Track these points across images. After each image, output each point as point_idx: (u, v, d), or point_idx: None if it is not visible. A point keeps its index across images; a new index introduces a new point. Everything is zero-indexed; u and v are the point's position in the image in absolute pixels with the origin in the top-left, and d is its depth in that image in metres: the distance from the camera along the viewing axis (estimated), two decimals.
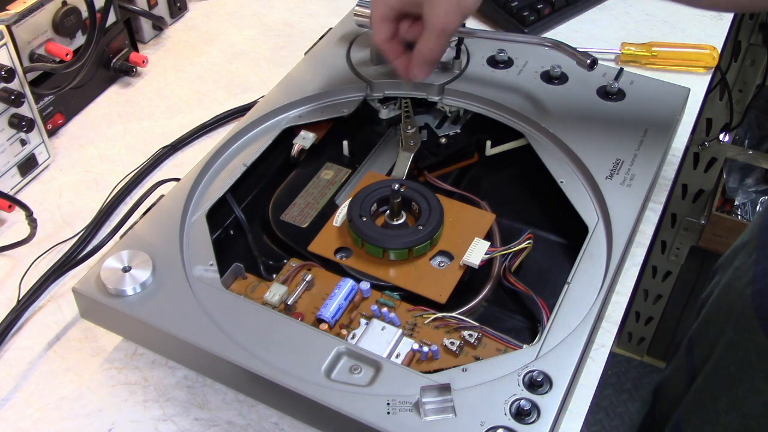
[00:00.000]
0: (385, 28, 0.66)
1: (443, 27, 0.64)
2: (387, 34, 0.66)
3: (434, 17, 0.63)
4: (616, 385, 1.71)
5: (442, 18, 0.63)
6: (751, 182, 1.46)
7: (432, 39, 0.65)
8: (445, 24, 0.64)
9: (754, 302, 0.67)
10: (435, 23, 0.64)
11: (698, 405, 0.78)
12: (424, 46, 0.66)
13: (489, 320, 0.62)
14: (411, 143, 0.74)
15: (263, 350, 0.55)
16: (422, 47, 0.66)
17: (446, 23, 0.64)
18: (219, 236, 0.69)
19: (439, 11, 0.63)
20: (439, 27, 0.64)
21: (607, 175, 0.67)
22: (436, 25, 0.64)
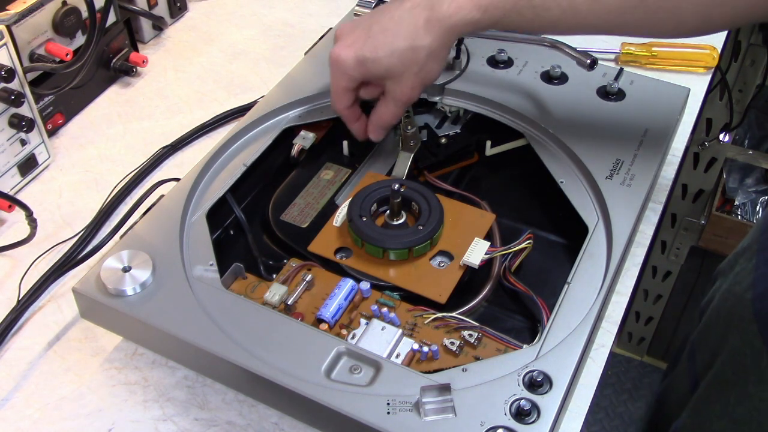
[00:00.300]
0: (346, 98, 0.68)
1: (407, 100, 0.67)
2: (347, 103, 0.69)
3: (399, 92, 0.66)
4: (616, 385, 1.71)
5: (407, 92, 0.66)
6: (751, 182, 1.46)
7: (393, 107, 0.68)
8: (410, 97, 0.67)
9: (754, 306, 0.67)
10: (399, 97, 0.66)
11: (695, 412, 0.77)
12: (384, 114, 0.68)
13: (489, 320, 0.62)
14: (411, 143, 0.74)
15: (263, 350, 0.55)
16: (383, 114, 0.69)
17: (410, 97, 0.67)
18: (219, 236, 0.69)
19: (404, 87, 0.66)
20: (403, 100, 0.67)
21: (607, 175, 0.67)
22: (400, 99, 0.67)
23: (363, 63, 0.65)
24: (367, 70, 0.65)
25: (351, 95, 0.69)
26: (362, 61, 0.65)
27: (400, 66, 0.64)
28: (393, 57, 0.64)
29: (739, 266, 0.71)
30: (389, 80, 0.66)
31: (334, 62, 0.66)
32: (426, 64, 0.65)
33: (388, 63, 0.64)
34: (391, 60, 0.64)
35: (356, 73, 0.66)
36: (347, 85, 0.67)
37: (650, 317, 1.68)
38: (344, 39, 0.66)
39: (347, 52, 0.65)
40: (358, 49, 0.65)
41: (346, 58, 0.65)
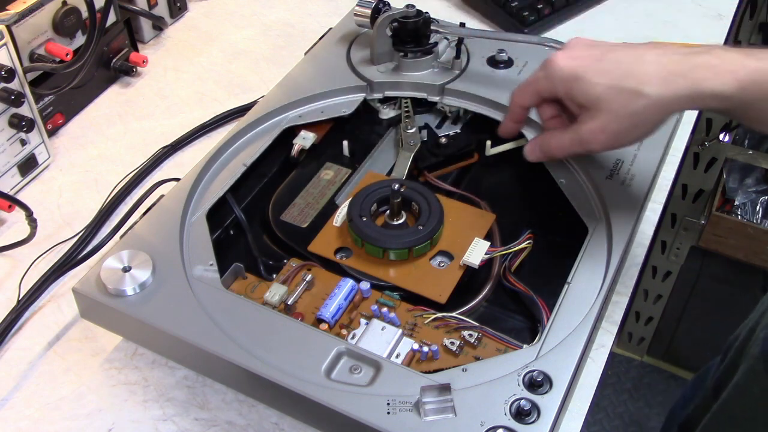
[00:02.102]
0: (531, 99, 0.63)
1: (588, 143, 0.60)
2: (527, 104, 0.64)
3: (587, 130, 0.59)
4: (616, 385, 1.71)
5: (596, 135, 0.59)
6: (751, 182, 1.46)
7: (568, 143, 0.61)
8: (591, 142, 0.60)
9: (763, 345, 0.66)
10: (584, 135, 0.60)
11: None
12: (556, 143, 0.63)
13: (489, 320, 0.62)
14: (411, 143, 0.74)
15: (263, 350, 0.55)
16: (554, 142, 0.63)
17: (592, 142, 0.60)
18: (219, 236, 0.69)
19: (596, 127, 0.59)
20: (585, 140, 0.60)
21: (607, 175, 0.67)
22: (583, 137, 0.60)
23: (575, 80, 0.59)
24: (572, 90, 0.59)
25: (536, 99, 0.63)
26: (576, 78, 0.58)
27: (611, 104, 0.57)
28: (610, 90, 0.57)
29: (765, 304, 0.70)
30: (587, 111, 0.59)
31: (548, 63, 0.61)
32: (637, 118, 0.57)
33: (602, 93, 0.57)
34: (605, 91, 0.57)
35: (561, 86, 0.60)
36: (542, 90, 0.62)
37: (650, 317, 1.68)
38: (573, 50, 0.60)
39: (568, 62, 0.59)
40: (581, 66, 0.58)
41: (563, 67, 0.59)
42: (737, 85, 0.53)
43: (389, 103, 0.79)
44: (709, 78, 0.54)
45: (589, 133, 0.59)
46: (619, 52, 0.58)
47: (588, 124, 0.59)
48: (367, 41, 0.81)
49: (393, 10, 0.77)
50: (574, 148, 0.61)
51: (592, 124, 0.59)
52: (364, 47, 0.81)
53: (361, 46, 0.81)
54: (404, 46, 0.78)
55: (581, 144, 0.60)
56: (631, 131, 0.59)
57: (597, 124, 0.58)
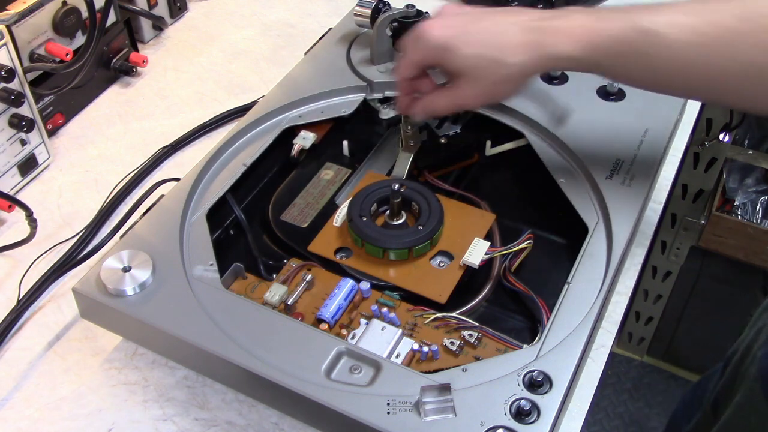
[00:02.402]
0: (411, 71, 0.65)
1: (463, 103, 0.65)
2: (409, 75, 0.66)
3: (462, 94, 0.63)
4: (616, 385, 1.71)
5: (470, 99, 0.64)
6: (751, 182, 1.46)
7: (447, 103, 0.65)
8: (469, 103, 0.65)
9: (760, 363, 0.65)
10: (460, 98, 0.63)
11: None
12: (438, 103, 0.65)
13: (489, 320, 0.62)
14: (411, 143, 0.74)
15: (263, 350, 0.55)
16: (435, 102, 0.65)
17: (470, 104, 0.65)
18: (219, 236, 0.69)
19: (469, 92, 0.63)
20: (461, 103, 0.64)
21: (607, 175, 0.67)
22: (460, 100, 0.64)
23: (446, 49, 0.61)
24: (444, 58, 0.62)
25: (417, 70, 0.65)
26: (446, 47, 0.61)
27: (479, 72, 0.61)
28: (476, 60, 0.61)
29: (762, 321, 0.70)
30: (458, 78, 0.63)
31: (420, 33, 0.63)
32: (503, 83, 0.62)
33: (470, 63, 0.61)
34: (474, 62, 0.61)
35: (434, 54, 0.63)
36: (419, 60, 0.64)
37: (650, 317, 1.68)
38: (443, 19, 0.63)
39: (438, 31, 0.62)
40: (450, 35, 0.61)
41: (433, 37, 0.62)
42: (584, 48, 0.58)
43: (389, 103, 0.79)
44: (560, 43, 0.58)
45: (464, 97, 0.64)
46: (484, 21, 0.62)
47: (462, 89, 0.63)
48: (367, 41, 0.81)
49: (393, 10, 0.77)
50: (455, 109, 0.67)
51: (466, 89, 0.63)
52: (364, 47, 0.81)
53: (361, 46, 0.81)
54: None
55: (460, 106, 0.66)
56: (500, 92, 0.64)
57: (470, 90, 0.63)
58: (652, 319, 1.68)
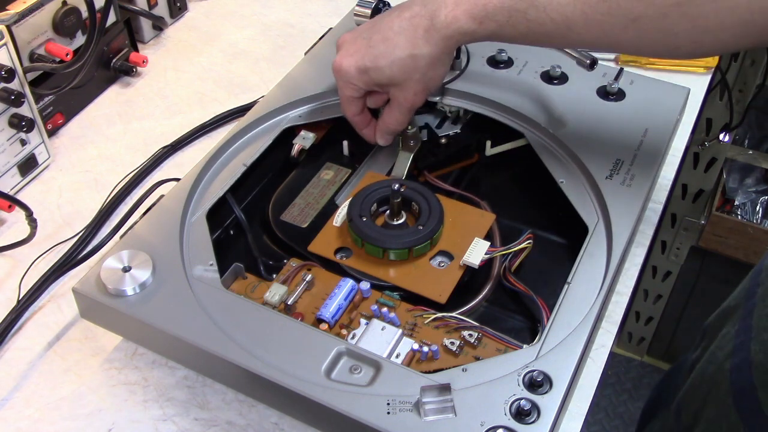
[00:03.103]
0: (354, 105, 0.70)
1: (411, 106, 0.68)
2: (356, 110, 0.71)
3: (402, 99, 0.67)
4: (616, 385, 1.71)
5: (410, 98, 0.67)
6: (751, 182, 1.46)
7: (398, 114, 0.69)
8: (414, 103, 0.68)
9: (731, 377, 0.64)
10: (403, 103, 0.68)
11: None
12: (390, 120, 0.70)
13: (489, 320, 0.62)
14: (411, 143, 0.74)
15: (263, 350, 0.55)
16: (388, 120, 0.70)
17: (414, 102, 0.68)
18: (219, 236, 0.69)
19: (408, 93, 0.67)
20: (407, 106, 0.68)
21: (607, 175, 0.67)
22: (404, 104, 0.68)
23: (365, 72, 0.66)
24: (370, 79, 0.67)
25: (359, 103, 0.70)
26: (364, 70, 0.66)
27: (402, 74, 0.65)
28: (394, 66, 0.65)
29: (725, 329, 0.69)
30: (393, 87, 0.67)
31: (336, 71, 0.68)
32: (428, 71, 0.66)
33: (390, 72, 0.65)
34: (392, 69, 0.65)
35: (359, 82, 0.67)
36: (352, 94, 0.69)
37: (650, 317, 1.68)
38: (346, 48, 0.67)
39: (348, 61, 0.66)
40: (360, 59, 0.66)
41: (348, 67, 0.66)
42: (474, 21, 0.62)
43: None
44: (451, 23, 0.63)
45: (405, 100, 0.68)
46: (378, 31, 0.66)
47: (401, 95, 0.67)
48: None
49: None
50: (408, 114, 0.70)
51: (403, 94, 0.67)
52: None
53: None
54: None
55: (409, 110, 0.69)
56: (433, 78, 0.67)
57: (407, 92, 0.67)
58: (652, 319, 1.68)
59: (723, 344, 0.68)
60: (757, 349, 0.62)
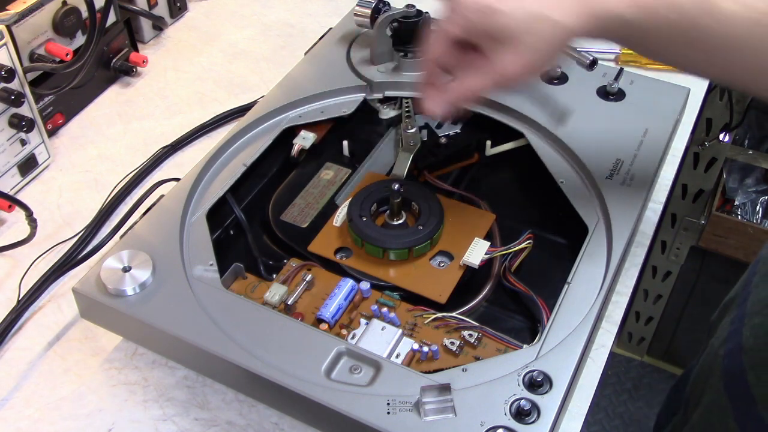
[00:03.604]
0: (442, 47, 0.59)
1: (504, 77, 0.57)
2: (440, 52, 0.59)
3: (501, 63, 0.56)
4: (616, 385, 1.71)
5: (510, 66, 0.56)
6: (751, 182, 1.46)
7: (485, 80, 0.57)
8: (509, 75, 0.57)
9: (723, 362, 0.65)
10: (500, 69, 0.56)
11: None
12: (472, 83, 0.58)
13: (489, 320, 0.62)
14: (411, 143, 0.74)
15: (263, 350, 0.55)
16: (469, 83, 0.59)
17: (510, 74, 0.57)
18: (219, 236, 0.69)
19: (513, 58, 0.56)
20: (500, 74, 0.57)
21: (607, 175, 0.67)
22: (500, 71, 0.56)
23: (484, 12, 0.55)
24: (484, 22, 0.55)
25: (448, 46, 0.59)
26: (485, 8, 0.55)
27: (521, 31, 0.55)
28: (519, 17, 0.54)
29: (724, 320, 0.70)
30: (499, 45, 0.55)
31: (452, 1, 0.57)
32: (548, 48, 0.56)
33: (511, 22, 0.54)
34: (516, 20, 0.54)
35: (472, 19, 0.56)
36: (453, 31, 0.57)
37: (650, 317, 1.68)
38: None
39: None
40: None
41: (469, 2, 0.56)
42: (639, 10, 0.54)
43: (389, 103, 0.79)
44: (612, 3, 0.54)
45: (506, 67, 0.56)
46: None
47: (503, 58, 0.56)
48: (367, 41, 0.81)
49: (393, 10, 0.77)
50: (490, 85, 0.58)
51: (508, 57, 0.56)
52: (364, 47, 0.81)
53: (361, 46, 0.81)
54: (404, 46, 0.78)
55: (500, 81, 0.57)
56: (544, 59, 0.57)
57: (512, 57, 0.56)
58: (652, 319, 1.68)
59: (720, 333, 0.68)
60: (748, 334, 0.62)
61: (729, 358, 0.64)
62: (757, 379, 0.60)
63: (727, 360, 0.64)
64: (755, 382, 0.60)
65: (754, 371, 0.60)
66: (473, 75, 0.58)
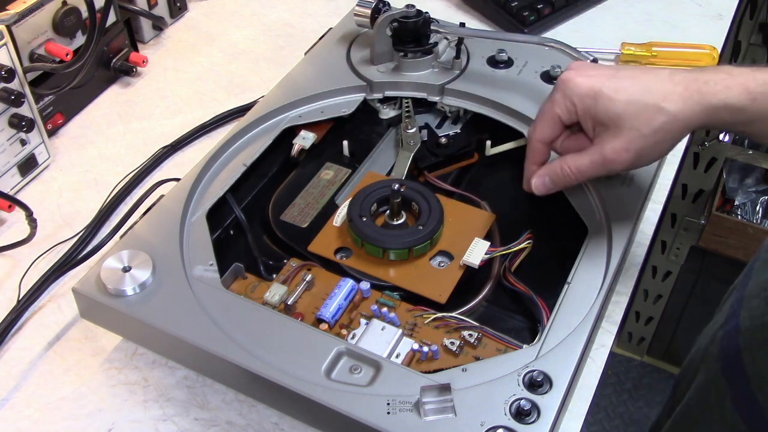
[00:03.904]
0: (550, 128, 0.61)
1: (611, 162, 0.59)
2: (546, 135, 0.62)
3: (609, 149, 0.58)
4: (616, 385, 1.71)
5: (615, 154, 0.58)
6: (751, 182, 1.46)
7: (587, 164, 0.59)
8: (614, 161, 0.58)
9: (721, 343, 0.66)
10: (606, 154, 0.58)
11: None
12: (573, 164, 0.60)
13: (489, 320, 0.62)
14: (411, 143, 0.74)
15: (263, 350, 0.55)
16: (571, 164, 0.60)
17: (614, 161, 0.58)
18: (219, 236, 0.69)
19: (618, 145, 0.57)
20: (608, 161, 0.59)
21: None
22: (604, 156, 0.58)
23: (595, 97, 0.58)
24: (592, 108, 0.58)
25: (557, 128, 0.61)
26: (596, 94, 0.58)
27: (633, 120, 0.57)
28: (630, 106, 0.57)
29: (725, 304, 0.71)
30: (607, 132, 0.58)
31: (563, 83, 0.60)
32: (658, 137, 0.57)
33: (622, 109, 0.57)
34: (627, 108, 0.57)
35: (581, 103, 0.59)
36: (562, 114, 0.60)
37: (650, 317, 1.68)
38: (584, 70, 0.60)
39: (584, 79, 0.59)
40: (598, 82, 0.58)
41: (580, 83, 0.59)
42: (748, 96, 0.54)
43: (389, 103, 0.79)
44: (721, 91, 0.55)
45: (612, 152, 0.58)
46: (631, 69, 0.59)
47: (611, 143, 0.58)
48: (367, 41, 0.81)
49: (393, 10, 0.77)
50: (596, 171, 0.60)
51: (616, 142, 0.57)
52: (364, 47, 0.81)
53: (361, 46, 0.81)
54: (404, 46, 0.78)
55: (604, 164, 0.59)
56: (653, 149, 0.58)
57: (620, 143, 0.57)
58: (652, 319, 1.68)
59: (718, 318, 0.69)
60: (745, 316, 0.63)
61: (726, 339, 0.65)
62: (752, 360, 0.61)
63: (725, 341, 0.65)
64: (750, 363, 0.61)
65: (749, 352, 0.61)
66: (578, 157, 0.60)
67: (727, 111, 0.55)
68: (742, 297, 0.65)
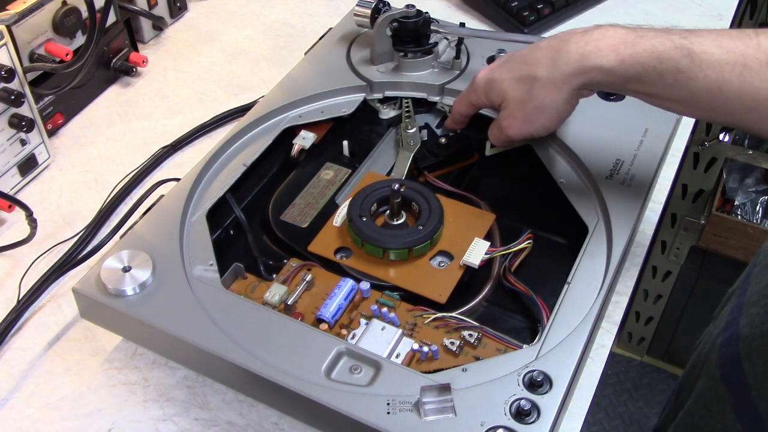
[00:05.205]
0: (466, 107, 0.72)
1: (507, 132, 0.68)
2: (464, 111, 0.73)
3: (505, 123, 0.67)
4: (616, 385, 1.71)
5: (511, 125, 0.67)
6: (751, 182, 1.46)
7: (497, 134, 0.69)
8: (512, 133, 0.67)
9: (720, 351, 0.66)
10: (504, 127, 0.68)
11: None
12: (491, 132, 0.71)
13: (489, 320, 0.62)
14: (411, 143, 0.74)
15: (263, 350, 0.55)
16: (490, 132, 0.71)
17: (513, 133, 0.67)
18: (219, 236, 0.69)
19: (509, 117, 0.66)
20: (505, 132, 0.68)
21: (607, 175, 0.67)
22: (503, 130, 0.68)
23: (489, 84, 0.67)
24: (489, 94, 0.67)
25: (470, 108, 0.72)
26: (489, 82, 0.67)
27: (513, 93, 0.65)
28: (512, 82, 0.64)
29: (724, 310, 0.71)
30: (503, 107, 0.67)
31: (473, 79, 0.70)
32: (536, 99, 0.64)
33: (505, 87, 0.65)
34: (509, 85, 0.65)
35: (482, 93, 0.68)
36: (473, 100, 0.71)
37: (650, 317, 1.68)
38: (494, 63, 0.69)
39: (485, 73, 0.68)
40: (493, 71, 0.67)
41: (480, 77, 0.68)
42: (616, 58, 0.58)
43: (389, 103, 0.79)
44: (592, 53, 0.59)
45: (504, 121, 0.67)
46: (524, 49, 0.65)
47: (503, 113, 0.67)
48: (367, 41, 0.81)
49: (393, 10, 0.77)
50: (502, 137, 0.69)
51: (505, 112, 0.67)
52: (364, 47, 0.81)
53: (361, 46, 0.81)
54: (404, 46, 0.78)
55: (502, 132, 0.68)
56: (537, 114, 0.65)
57: (507, 113, 0.66)
58: (652, 319, 1.68)
59: (719, 323, 0.69)
60: (745, 323, 0.63)
61: (726, 346, 0.65)
62: (752, 367, 0.61)
63: (725, 348, 0.65)
64: (750, 370, 0.61)
65: (749, 359, 0.61)
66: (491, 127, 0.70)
67: (598, 72, 0.59)
68: (741, 304, 0.65)
